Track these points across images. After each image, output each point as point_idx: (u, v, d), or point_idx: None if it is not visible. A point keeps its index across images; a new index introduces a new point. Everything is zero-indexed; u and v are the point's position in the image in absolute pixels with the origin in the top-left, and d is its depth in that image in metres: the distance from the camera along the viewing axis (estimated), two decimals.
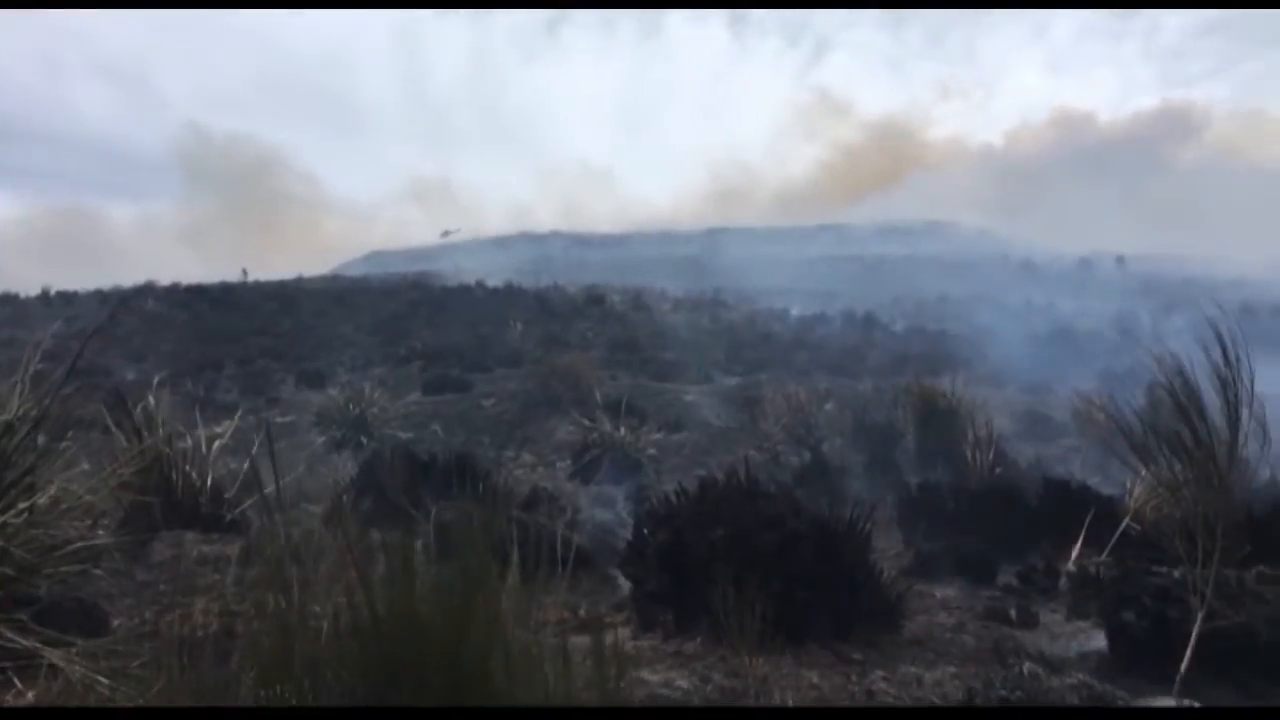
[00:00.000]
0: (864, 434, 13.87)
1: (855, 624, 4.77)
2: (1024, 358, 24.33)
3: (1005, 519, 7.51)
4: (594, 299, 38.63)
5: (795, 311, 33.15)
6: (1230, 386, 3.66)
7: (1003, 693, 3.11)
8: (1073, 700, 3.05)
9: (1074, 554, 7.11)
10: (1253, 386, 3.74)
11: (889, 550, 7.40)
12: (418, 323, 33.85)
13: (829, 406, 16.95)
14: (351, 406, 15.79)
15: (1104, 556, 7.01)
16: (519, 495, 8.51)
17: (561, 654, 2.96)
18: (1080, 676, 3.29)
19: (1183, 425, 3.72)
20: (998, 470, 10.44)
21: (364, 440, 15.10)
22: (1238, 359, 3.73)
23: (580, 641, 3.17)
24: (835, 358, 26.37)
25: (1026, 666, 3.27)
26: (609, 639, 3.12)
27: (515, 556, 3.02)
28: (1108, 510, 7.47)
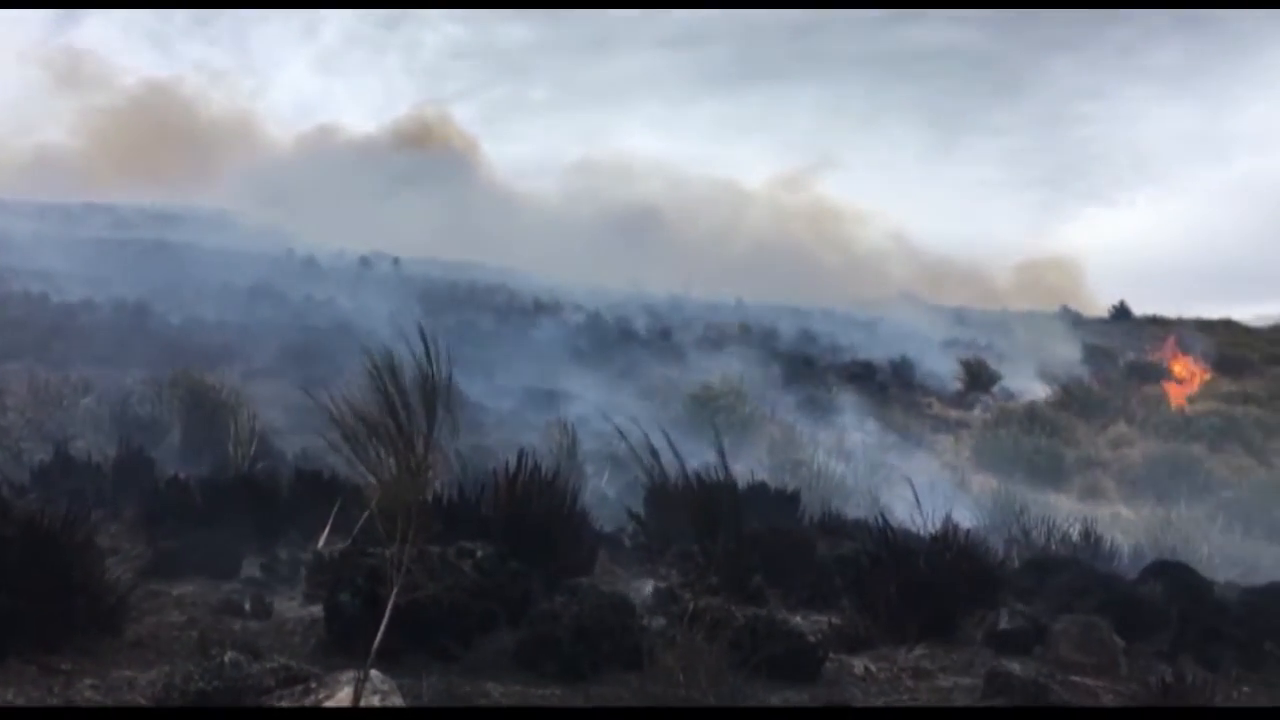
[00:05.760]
0: (125, 429, 13.06)
1: (70, 631, 4.48)
2: (303, 351, 24.63)
3: (256, 512, 7.57)
4: None
5: (56, 297, 30.00)
6: (428, 380, 4.08)
7: (201, 684, 3.14)
8: (269, 683, 3.17)
9: (321, 541, 7.39)
10: (449, 380, 4.19)
11: (131, 550, 7.07)
12: None
13: (88, 400, 15.67)
14: None
15: (348, 543, 7.39)
16: None
17: None
18: (281, 660, 3.43)
19: (389, 417, 4.06)
20: (260, 464, 10.47)
21: None
22: (438, 355, 4.16)
23: None
24: (101, 348, 24.38)
25: (228, 656, 3.32)
26: None
27: None
28: (358, 498, 7.90)
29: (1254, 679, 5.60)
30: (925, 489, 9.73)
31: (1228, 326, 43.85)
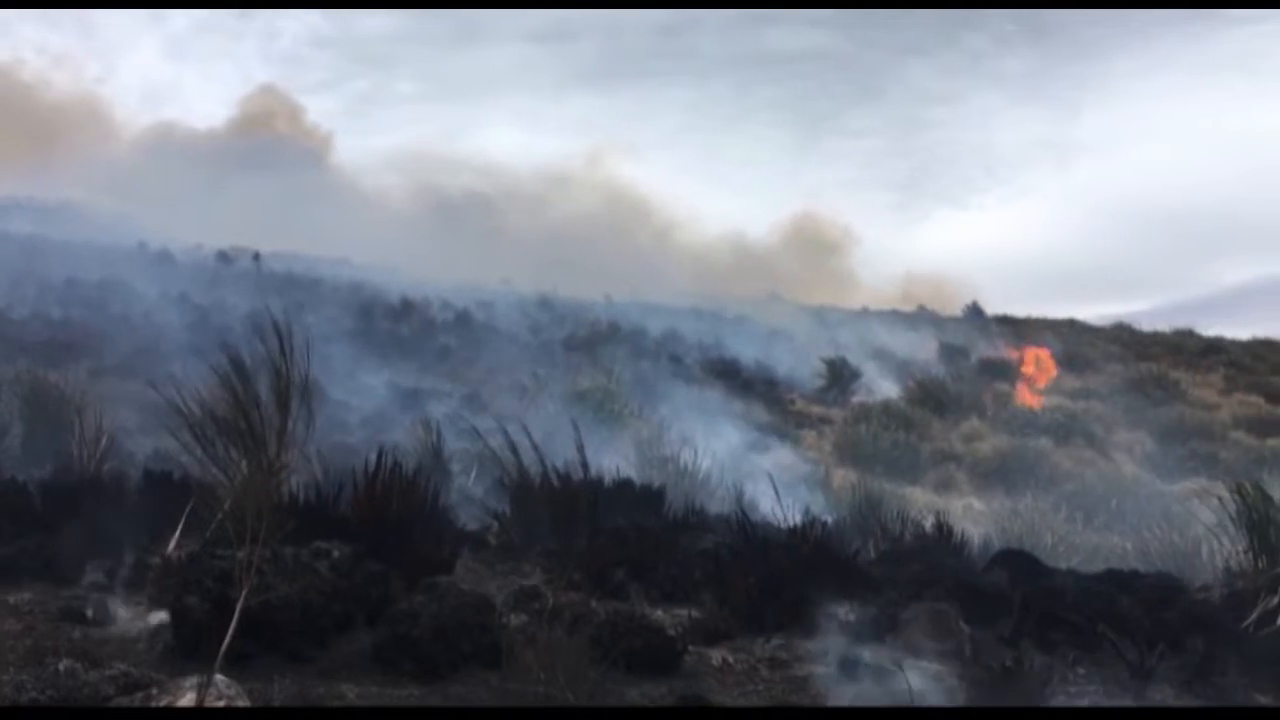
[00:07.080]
0: None
1: None
2: (156, 348, 23.71)
3: (102, 515, 7.26)
4: None
5: None
6: (282, 377, 3.99)
7: (34, 694, 3.00)
8: (108, 690, 3.06)
9: (171, 545, 7.12)
10: (306, 378, 4.10)
11: None
12: None
13: None
14: None
15: (201, 545, 7.14)
16: None
17: None
18: (121, 667, 3.32)
19: (239, 414, 3.95)
20: (107, 466, 10.04)
21: None
22: (292, 351, 4.07)
23: None
24: None
25: (63, 665, 3.19)
26: None
27: None
28: (212, 499, 7.63)
29: (1088, 660, 5.89)
30: (788, 484, 9.93)
31: (1071, 326, 45.98)
